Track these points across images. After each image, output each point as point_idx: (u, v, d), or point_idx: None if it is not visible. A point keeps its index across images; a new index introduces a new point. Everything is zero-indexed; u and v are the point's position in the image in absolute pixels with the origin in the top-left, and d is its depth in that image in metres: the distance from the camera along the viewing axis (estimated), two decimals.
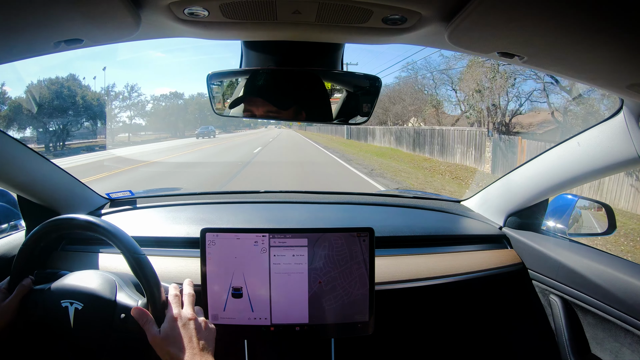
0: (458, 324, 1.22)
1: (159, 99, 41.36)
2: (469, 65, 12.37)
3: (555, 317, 1.05)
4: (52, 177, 1.10)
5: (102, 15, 0.53)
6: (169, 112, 40.19)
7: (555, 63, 0.61)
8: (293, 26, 0.62)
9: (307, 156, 14.33)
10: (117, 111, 30.13)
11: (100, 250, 1.07)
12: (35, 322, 0.84)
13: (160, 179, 8.57)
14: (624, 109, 0.78)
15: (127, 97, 30.97)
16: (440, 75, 14.68)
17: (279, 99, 0.77)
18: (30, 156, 0.99)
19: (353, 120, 0.81)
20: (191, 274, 0.97)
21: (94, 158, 14.60)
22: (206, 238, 0.84)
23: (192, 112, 42.61)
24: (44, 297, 0.83)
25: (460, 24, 0.52)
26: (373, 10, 0.54)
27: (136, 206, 1.32)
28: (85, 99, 22.89)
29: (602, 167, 0.88)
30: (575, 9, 0.43)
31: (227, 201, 1.42)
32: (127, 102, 31.28)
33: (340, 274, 0.85)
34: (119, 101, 30.15)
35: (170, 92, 48.79)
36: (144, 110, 35.60)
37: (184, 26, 0.61)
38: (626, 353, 0.88)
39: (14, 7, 0.47)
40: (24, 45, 0.59)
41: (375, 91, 0.79)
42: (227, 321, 0.84)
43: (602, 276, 0.93)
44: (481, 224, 1.31)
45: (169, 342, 0.65)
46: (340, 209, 1.41)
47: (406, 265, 1.07)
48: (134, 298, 0.82)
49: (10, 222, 1.15)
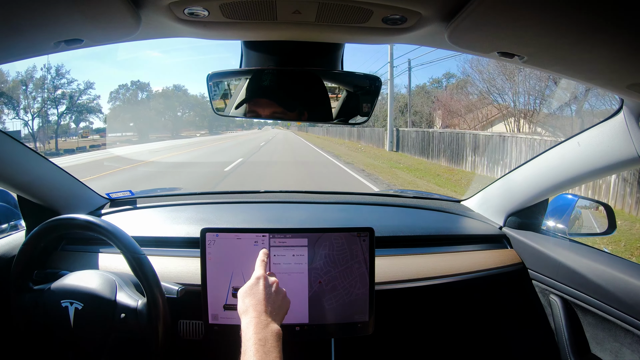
0: (458, 324, 1.22)
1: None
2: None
3: (555, 317, 1.05)
4: (52, 177, 1.10)
5: (102, 15, 0.53)
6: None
7: (555, 63, 0.61)
8: (293, 26, 0.62)
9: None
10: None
11: (100, 250, 1.07)
12: (36, 322, 0.84)
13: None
14: (624, 109, 0.78)
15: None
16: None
17: (278, 99, 0.77)
18: (30, 156, 0.99)
19: (353, 120, 0.81)
20: (191, 274, 0.97)
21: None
22: (206, 238, 0.84)
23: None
24: (44, 297, 0.83)
25: (460, 24, 0.52)
26: (373, 10, 0.54)
27: (136, 206, 1.32)
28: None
29: (602, 167, 0.88)
30: (575, 9, 0.43)
31: (227, 201, 1.42)
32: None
33: (340, 273, 0.85)
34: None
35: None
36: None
37: (184, 26, 0.61)
38: (626, 353, 0.88)
39: (14, 7, 0.47)
40: (24, 45, 0.59)
41: (375, 91, 0.79)
42: (227, 321, 0.84)
43: (602, 276, 0.93)
44: (481, 223, 1.31)
45: (247, 294, 0.69)
46: (340, 209, 1.41)
47: (406, 265, 1.07)
48: (134, 298, 0.82)
49: (10, 222, 1.16)
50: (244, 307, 0.67)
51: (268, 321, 0.64)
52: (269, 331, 0.62)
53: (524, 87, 11.10)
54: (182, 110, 41.76)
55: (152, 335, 0.80)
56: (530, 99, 10.99)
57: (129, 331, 0.81)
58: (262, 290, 0.68)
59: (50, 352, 0.88)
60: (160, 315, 0.79)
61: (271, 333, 0.62)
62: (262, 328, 0.62)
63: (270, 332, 0.62)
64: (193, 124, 44.53)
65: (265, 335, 0.61)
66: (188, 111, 42.17)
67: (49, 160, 1.08)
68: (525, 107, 11.14)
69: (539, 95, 10.99)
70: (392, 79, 14.90)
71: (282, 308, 0.70)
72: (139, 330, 0.80)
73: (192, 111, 42.36)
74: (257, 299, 0.67)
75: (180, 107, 40.13)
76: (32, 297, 0.84)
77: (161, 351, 0.81)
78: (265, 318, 0.64)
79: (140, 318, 0.80)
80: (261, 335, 0.61)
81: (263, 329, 0.62)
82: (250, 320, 0.63)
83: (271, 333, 0.62)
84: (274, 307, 0.68)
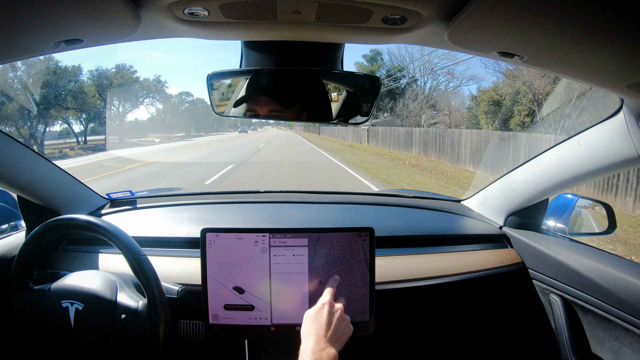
0: (458, 324, 1.22)
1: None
2: None
3: (555, 316, 1.05)
4: (52, 177, 1.10)
5: (102, 15, 0.53)
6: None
7: (555, 63, 0.61)
8: (293, 26, 0.62)
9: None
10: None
11: (100, 251, 1.07)
12: (36, 323, 0.84)
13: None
14: (624, 108, 0.78)
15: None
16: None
17: (279, 99, 0.77)
18: (30, 156, 0.99)
19: (353, 120, 0.81)
20: (191, 274, 0.97)
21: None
22: (206, 238, 0.84)
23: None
24: (44, 297, 0.83)
25: (460, 23, 0.52)
26: (373, 10, 0.54)
27: (136, 206, 1.32)
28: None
29: (602, 166, 0.88)
30: (575, 8, 0.43)
31: (227, 201, 1.42)
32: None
33: (341, 272, 0.85)
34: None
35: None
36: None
37: (184, 26, 0.61)
38: (626, 352, 0.88)
39: (14, 7, 0.47)
40: (24, 45, 0.59)
41: (375, 91, 0.79)
42: (228, 321, 0.84)
43: (602, 275, 0.93)
44: (481, 223, 1.31)
45: (311, 318, 0.73)
46: (340, 209, 1.41)
47: (406, 265, 1.07)
48: (135, 298, 0.82)
49: (10, 223, 1.16)
50: (306, 330, 0.71)
51: (326, 345, 0.68)
52: (325, 354, 0.66)
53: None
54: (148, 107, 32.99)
55: (153, 336, 0.80)
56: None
57: (129, 332, 0.81)
58: (325, 316, 0.72)
59: (50, 352, 0.88)
60: (161, 316, 0.79)
61: (327, 355, 0.66)
62: (320, 350, 0.66)
63: (326, 355, 0.65)
64: (162, 123, 35.85)
65: (321, 357, 0.65)
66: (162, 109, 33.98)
67: (49, 160, 1.08)
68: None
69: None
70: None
71: (343, 334, 0.74)
72: (140, 330, 0.80)
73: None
74: (319, 323, 0.71)
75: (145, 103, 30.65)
76: (32, 297, 0.84)
77: (161, 351, 0.81)
78: (324, 342, 0.68)
79: (141, 319, 0.80)
80: (317, 356, 0.65)
81: (320, 351, 0.66)
82: (309, 342, 0.68)
83: (327, 355, 0.66)
84: (335, 333, 0.71)
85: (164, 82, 30.34)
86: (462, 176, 9.70)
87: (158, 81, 29.44)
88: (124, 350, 0.87)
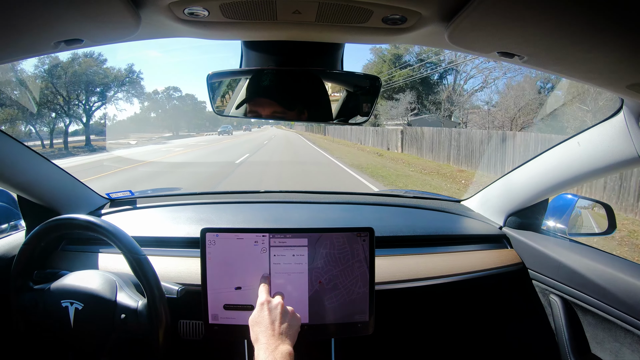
0: (458, 324, 1.22)
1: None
2: None
3: (555, 317, 1.05)
4: (52, 177, 1.10)
5: (102, 15, 0.53)
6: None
7: (555, 63, 0.61)
8: (293, 26, 0.62)
9: None
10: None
11: (100, 250, 1.07)
12: (36, 322, 0.84)
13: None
14: (624, 108, 0.78)
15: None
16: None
17: (278, 99, 0.77)
18: (30, 156, 0.99)
19: (353, 120, 0.81)
20: (191, 274, 0.97)
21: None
22: (206, 238, 0.84)
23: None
24: (44, 297, 0.83)
25: (460, 23, 0.52)
26: (373, 10, 0.54)
27: (136, 206, 1.32)
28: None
29: (602, 167, 0.88)
30: (575, 9, 0.43)
31: (227, 201, 1.42)
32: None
33: (341, 272, 0.85)
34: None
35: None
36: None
37: (184, 26, 0.61)
38: (626, 353, 0.88)
39: (14, 7, 0.47)
40: (24, 45, 0.59)
41: (375, 91, 0.79)
42: (227, 321, 0.84)
43: (602, 276, 0.93)
44: (481, 223, 1.31)
45: (255, 322, 0.71)
46: (340, 209, 1.41)
47: (406, 265, 1.07)
48: (134, 298, 0.82)
49: (10, 222, 1.16)
50: (254, 335, 0.70)
51: (277, 344, 0.66)
52: (278, 353, 0.64)
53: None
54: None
55: (152, 336, 0.80)
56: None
57: (129, 331, 0.81)
58: (267, 316, 0.71)
59: (50, 352, 0.88)
60: (160, 316, 0.79)
61: (281, 354, 0.64)
62: (272, 351, 0.65)
63: (280, 354, 0.64)
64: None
65: (275, 357, 0.63)
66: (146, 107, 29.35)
67: (49, 160, 1.08)
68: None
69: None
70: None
71: (291, 327, 0.72)
72: (139, 330, 0.80)
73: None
74: (264, 325, 0.70)
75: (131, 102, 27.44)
76: (32, 297, 0.84)
77: (161, 351, 0.81)
78: (274, 342, 0.67)
79: (141, 318, 0.80)
80: (271, 357, 0.63)
81: (272, 352, 0.64)
82: (260, 347, 0.66)
83: (281, 354, 0.64)
84: (281, 328, 0.70)
85: (139, 72, 24.80)
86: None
87: (131, 71, 24.06)
88: (123, 350, 0.87)
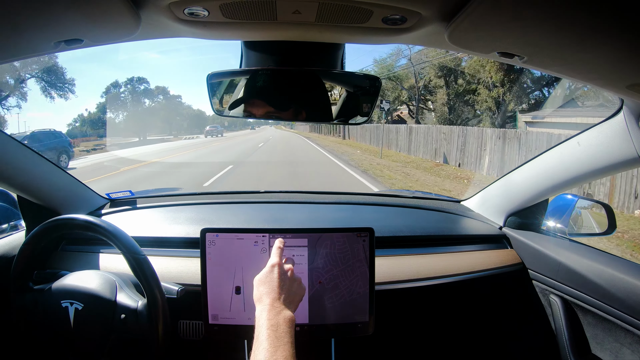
0: (458, 324, 1.22)
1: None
2: None
3: (555, 317, 1.05)
4: (52, 177, 1.10)
5: (102, 15, 0.53)
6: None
7: (555, 63, 0.61)
8: (293, 26, 0.62)
9: None
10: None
11: (100, 251, 1.07)
12: (36, 322, 0.84)
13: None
14: (624, 109, 0.78)
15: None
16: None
17: (279, 99, 0.77)
18: (30, 156, 0.99)
19: (353, 120, 0.81)
20: (191, 274, 0.97)
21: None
22: (206, 238, 0.84)
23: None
24: (44, 297, 0.83)
25: (460, 24, 0.52)
26: (373, 10, 0.54)
27: (136, 206, 1.32)
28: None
29: (602, 167, 0.88)
30: (575, 9, 0.43)
31: (227, 201, 1.42)
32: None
33: (342, 272, 0.85)
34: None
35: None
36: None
37: (184, 26, 0.61)
38: (626, 353, 0.88)
39: (14, 7, 0.47)
40: (24, 45, 0.59)
41: (375, 91, 0.79)
42: (228, 321, 0.84)
43: (602, 276, 0.93)
44: (481, 224, 1.31)
45: (262, 282, 0.70)
46: (340, 209, 1.41)
47: (406, 265, 1.07)
48: (134, 298, 0.82)
49: (10, 222, 1.16)
50: (258, 294, 0.68)
51: (281, 308, 0.65)
52: (281, 317, 0.63)
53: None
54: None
55: (152, 336, 0.80)
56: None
57: (129, 332, 0.81)
58: (276, 278, 0.69)
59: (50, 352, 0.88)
60: (160, 316, 0.79)
61: (283, 319, 0.63)
62: (275, 314, 0.63)
63: (282, 318, 0.63)
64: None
65: (277, 321, 0.62)
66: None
67: (49, 160, 1.08)
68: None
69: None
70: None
71: (297, 295, 0.71)
72: (139, 330, 0.80)
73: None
74: (271, 286, 0.68)
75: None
76: (32, 297, 0.84)
77: (161, 352, 0.81)
78: (278, 305, 0.65)
79: (141, 319, 0.80)
80: (274, 321, 0.62)
81: (276, 316, 0.63)
82: (263, 308, 0.65)
83: (283, 319, 0.63)
84: (288, 294, 0.68)
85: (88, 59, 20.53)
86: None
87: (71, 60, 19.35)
88: (123, 350, 0.87)
